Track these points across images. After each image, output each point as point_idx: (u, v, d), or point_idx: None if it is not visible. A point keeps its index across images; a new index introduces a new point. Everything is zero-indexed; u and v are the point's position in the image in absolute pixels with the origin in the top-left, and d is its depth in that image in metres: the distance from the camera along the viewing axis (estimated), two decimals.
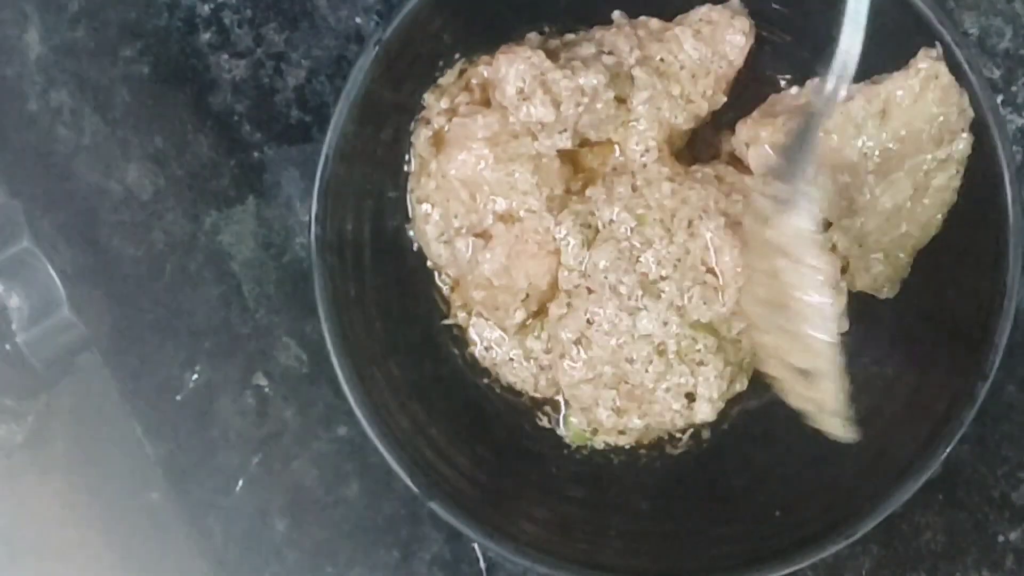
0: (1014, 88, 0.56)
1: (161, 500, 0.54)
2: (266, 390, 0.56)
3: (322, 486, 0.56)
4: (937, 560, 0.55)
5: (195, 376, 0.56)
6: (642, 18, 0.54)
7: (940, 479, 0.55)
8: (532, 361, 0.53)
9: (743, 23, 0.52)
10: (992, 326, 0.48)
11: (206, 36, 0.57)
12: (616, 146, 0.52)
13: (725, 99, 0.53)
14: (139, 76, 0.56)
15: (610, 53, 0.52)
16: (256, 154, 0.57)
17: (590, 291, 0.50)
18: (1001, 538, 0.55)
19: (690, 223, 0.50)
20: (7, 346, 0.45)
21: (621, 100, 0.51)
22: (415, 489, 0.48)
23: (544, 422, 0.54)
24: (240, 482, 0.55)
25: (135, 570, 0.52)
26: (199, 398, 0.55)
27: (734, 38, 0.52)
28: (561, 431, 0.54)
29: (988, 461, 0.55)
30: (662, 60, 0.52)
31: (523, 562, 0.48)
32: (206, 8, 0.57)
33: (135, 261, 0.55)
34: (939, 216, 0.50)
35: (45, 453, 0.49)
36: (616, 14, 0.54)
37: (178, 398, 0.55)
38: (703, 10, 0.53)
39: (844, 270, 0.51)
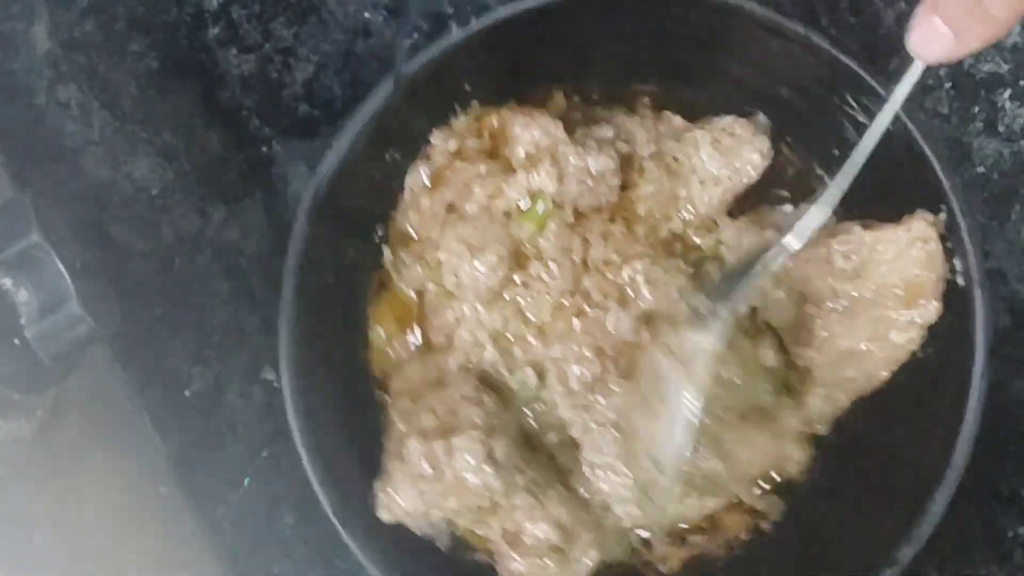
0: (1022, 82, 0.56)
1: (170, 494, 0.54)
2: (274, 384, 0.56)
3: None
4: (946, 555, 0.55)
5: (203, 370, 0.56)
6: (666, 113, 0.54)
7: None
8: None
9: (763, 143, 0.52)
10: (927, 500, 0.47)
11: (214, 31, 0.57)
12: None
13: (727, 220, 0.52)
14: (147, 71, 0.56)
15: (626, 141, 0.52)
16: (264, 148, 0.57)
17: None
18: (1010, 533, 0.55)
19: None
20: (16, 340, 0.45)
21: (624, 188, 0.51)
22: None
23: None
24: (249, 476, 0.55)
25: (144, 564, 0.52)
26: (208, 392, 0.55)
27: (751, 156, 0.52)
28: None
29: (996, 456, 0.55)
30: (675, 159, 0.52)
31: None
32: (214, 3, 0.57)
33: (144, 255, 0.55)
34: (886, 371, 0.50)
35: (54, 448, 0.49)
36: (645, 100, 0.54)
37: (187, 392, 0.55)
38: (727, 120, 0.52)
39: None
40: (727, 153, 0.52)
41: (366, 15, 0.57)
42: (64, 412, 0.49)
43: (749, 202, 0.53)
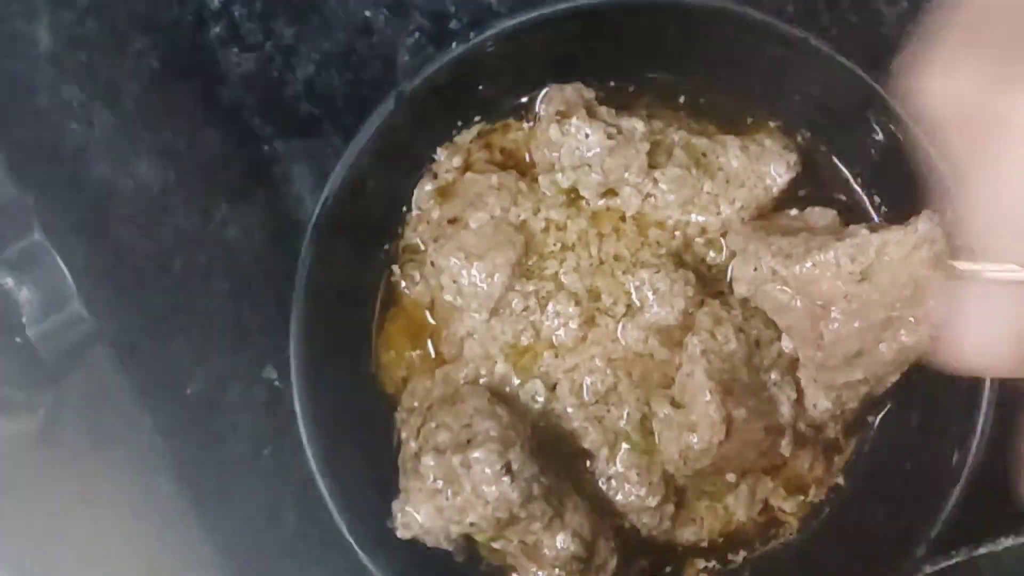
0: None
1: (171, 493, 0.54)
2: (276, 383, 0.56)
3: None
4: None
5: (205, 369, 0.55)
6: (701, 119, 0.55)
7: None
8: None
9: (791, 157, 0.53)
10: (942, 501, 0.47)
11: (216, 30, 0.57)
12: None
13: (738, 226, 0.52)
14: (149, 70, 0.56)
15: (659, 119, 0.53)
16: (265, 147, 0.57)
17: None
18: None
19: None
20: (17, 339, 0.45)
21: (652, 167, 0.51)
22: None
23: None
24: (250, 475, 0.55)
25: (145, 563, 0.52)
26: (209, 391, 0.55)
27: (778, 167, 0.52)
28: None
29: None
30: (704, 155, 0.52)
31: None
32: (216, 2, 0.57)
33: (145, 254, 0.55)
34: (897, 372, 0.50)
35: (55, 446, 0.49)
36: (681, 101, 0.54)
37: (188, 391, 0.55)
38: (760, 134, 0.54)
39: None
40: (754, 159, 0.52)
41: (367, 13, 0.57)
42: (65, 411, 0.49)
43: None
